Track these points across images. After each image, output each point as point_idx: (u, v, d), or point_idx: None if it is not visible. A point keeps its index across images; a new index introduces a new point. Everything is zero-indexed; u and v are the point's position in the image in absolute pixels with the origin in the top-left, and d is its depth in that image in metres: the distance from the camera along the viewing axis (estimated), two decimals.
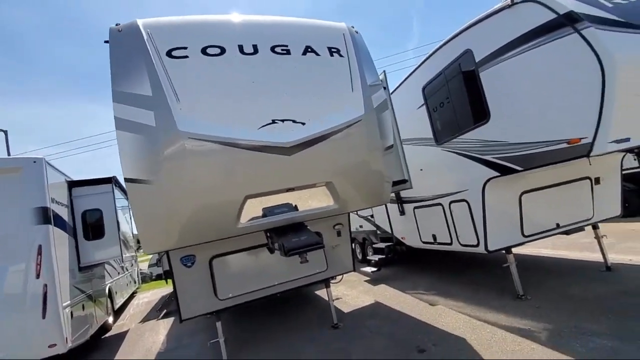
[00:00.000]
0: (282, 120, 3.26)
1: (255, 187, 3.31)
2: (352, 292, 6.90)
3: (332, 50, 3.82)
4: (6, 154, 14.19)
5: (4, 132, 14.64)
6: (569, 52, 3.48)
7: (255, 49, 3.45)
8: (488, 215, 4.59)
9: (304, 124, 3.31)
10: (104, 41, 3.32)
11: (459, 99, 4.84)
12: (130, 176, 2.99)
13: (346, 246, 5.23)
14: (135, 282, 12.25)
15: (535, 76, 3.83)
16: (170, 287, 4.59)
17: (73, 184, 6.46)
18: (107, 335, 7.35)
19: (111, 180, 7.02)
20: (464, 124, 4.80)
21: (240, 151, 3.06)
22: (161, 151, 2.91)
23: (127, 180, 3.01)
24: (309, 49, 3.70)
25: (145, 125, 2.90)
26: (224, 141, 3.01)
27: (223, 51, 3.33)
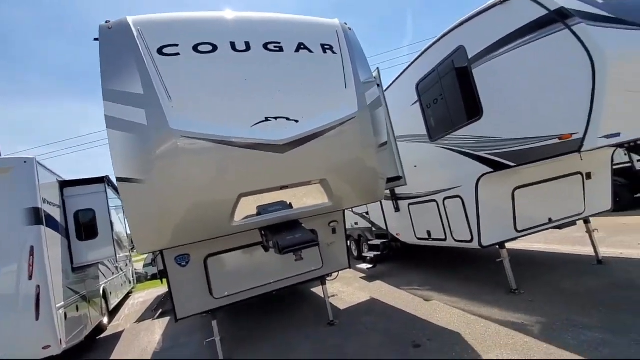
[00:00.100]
0: (276, 118, 3.24)
1: (249, 186, 3.30)
2: (347, 289, 6.93)
3: (325, 47, 3.81)
4: None
5: None
6: (560, 48, 3.50)
7: (248, 46, 3.42)
8: (482, 211, 4.62)
9: (297, 121, 3.30)
10: (94, 39, 3.28)
11: (452, 95, 4.86)
12: (122, 175, 2.96)
13: (341, 243, 5.24)
14: (130, 282, 12.17)
15: (527, 72, 3.86)
16: (165, 286, 4.57)
17: (65, 184, 6.39)
18: (102, 335, 7.31)
19: (104, 180, 6.95)
20: (458, 120, 4.83)
21: (233, 149, 3.04)
22: (153, 150, 2.88)
23: (119, 179, 2.98)
24: (302, 46, 3.68)
25: (136, 124, 2.87)
26: (217, 139, 2.99)
27: (215, 48, 3.29)
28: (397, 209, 6.87)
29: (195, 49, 3.23)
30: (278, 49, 3.55)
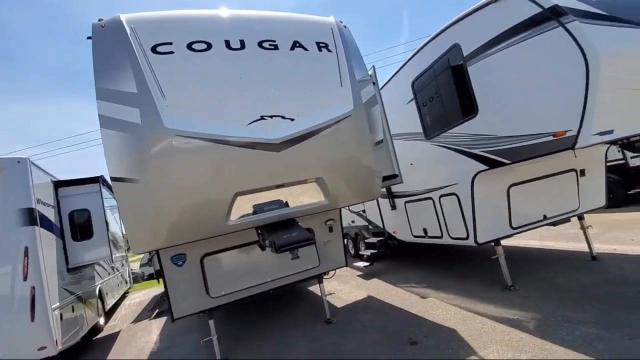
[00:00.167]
0: (271, 117, 3.23)
1: (244, 184, 3.29)
2: (345, 287, 6.94)
3: (321, 45, 3.80)
4: None
5: None
6: (554, 45, 3.52)
7: (243, 44, 3.40)
8: (477, 208, 4.64)
9: (293, 119, 3.29)
10: (87, 37, 3.25)
11: (448, 93, 4.87)
12: (116, 175, 2.94)
13: (338, 241, 5.25)
14: (127, 283, 12.12)
15: (521, 70, 3.87)
16: (162, 286, 4.55)
17: (59, 184, 6.34)
18: (98, 336, 7.28)
19: (98, 180, 6.90)
20: (453, 118, 4.84)
21: (228, 148, 3.03)
22: (147, 149, 2.86)
23: (113, 179, 2.96)
24: (297, 44, 3.66)
25: (130, 123, 2.85)
26: (212, 138, 2.97)
27: (209, 47, 3.27)
28: (393, 206, 6.88)
29: (189, 47, 3.20)
30: (273, 47, 3.53)
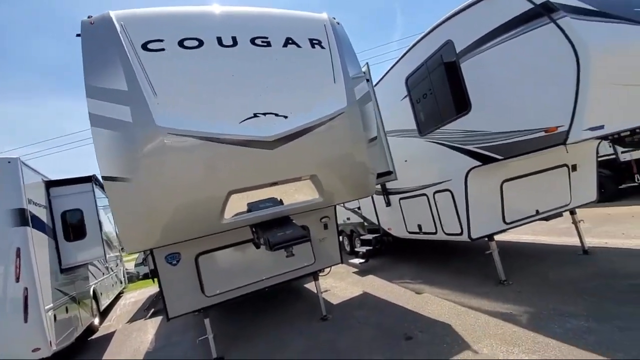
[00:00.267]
0: (264, 114, 3.22)
1: (238, 183, 3.28)
2: (340, 283, 6.96)
3: (314, 41, 3.78)
4: None
5: None
6: (546, 41, 3.54)
7: (235, 41, 3.38)
8: (471, 204, 4.68)
9: (286, 117, 3.28)
10: (76, 34, 3.20)
11: (441, 90, 4.88)
12: (107, 174, 2.91)
13: (333, 239, 5.26)
14: (122, 282, 12.02)
15: (513, 66, 3.89)
16: (157, 285, 4.53)
17: (51, 183, 6.26)
18: (93, 337, 7.23)
19: (91, 179, 6.82)
20: (446, 114, 4.86)
21: (221, 146, 3.01)
22: (139, 148, 2.84)
23: (104, 178, 2.93)
24: (289, 41, 3.64)
25: (121, 122, 2.82)
26: (205, 136, 2.96)
27: (201, 44, 3.24)
28: (388, 203, 6.91)
29: (180, 44, 3.17)
30: (266, 44, 3.51)
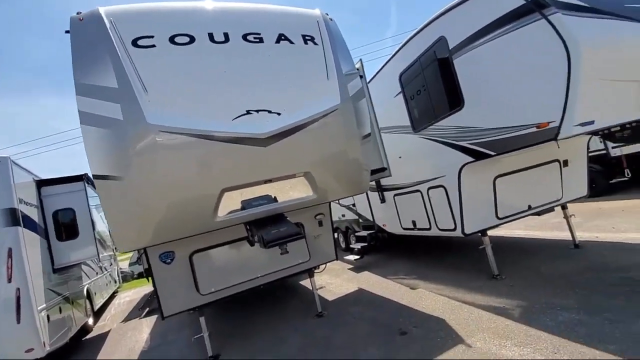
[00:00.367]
0: (257, 111, 3.20)
1: (231, 180, 3.26)
2: (336, 280, 6.99)
3: (307, 38, 3.76)
4: None
5: None
6: (537, 37, 3.56)
7: (227, 37, 3.35)
8: (464, 200, 4.71)
9: (279, 114, 3.26)
10: (65, 31, 3.15)
11: (434, 86, 4.90)
12: (98, 173, 2.88)
13: (328, 235, 5.26)
14: (116, 282, 11.95)
15: (505, 62, 3.91)
16: (152, 284, 4.52)
17: (42, 183, 6.17)
18: (88, 336, 7.18)
19: (82, 178, 6.74)
20: (440, 111, 4.87)
21: (214, 143, 2.99)
22: (130, 146, 2.81)
23: (95, 176, 2.89)
24: (282, 37, 3.62)
25: (111, 119, 2.79)
26: (197, 133, 2.93)
27: (192, 40, 3.21)
28: (382, 200, 6.93)
29: (171, 40, 3.14)
30: (258, 40, 3.49)
